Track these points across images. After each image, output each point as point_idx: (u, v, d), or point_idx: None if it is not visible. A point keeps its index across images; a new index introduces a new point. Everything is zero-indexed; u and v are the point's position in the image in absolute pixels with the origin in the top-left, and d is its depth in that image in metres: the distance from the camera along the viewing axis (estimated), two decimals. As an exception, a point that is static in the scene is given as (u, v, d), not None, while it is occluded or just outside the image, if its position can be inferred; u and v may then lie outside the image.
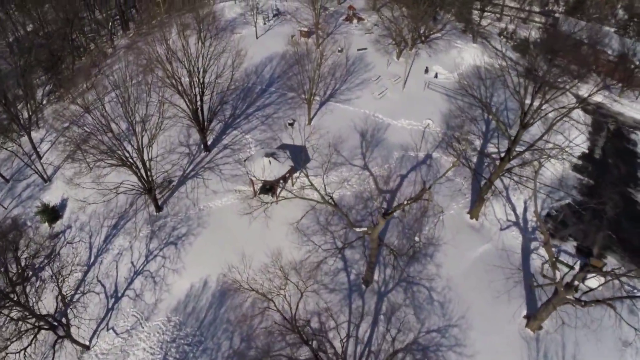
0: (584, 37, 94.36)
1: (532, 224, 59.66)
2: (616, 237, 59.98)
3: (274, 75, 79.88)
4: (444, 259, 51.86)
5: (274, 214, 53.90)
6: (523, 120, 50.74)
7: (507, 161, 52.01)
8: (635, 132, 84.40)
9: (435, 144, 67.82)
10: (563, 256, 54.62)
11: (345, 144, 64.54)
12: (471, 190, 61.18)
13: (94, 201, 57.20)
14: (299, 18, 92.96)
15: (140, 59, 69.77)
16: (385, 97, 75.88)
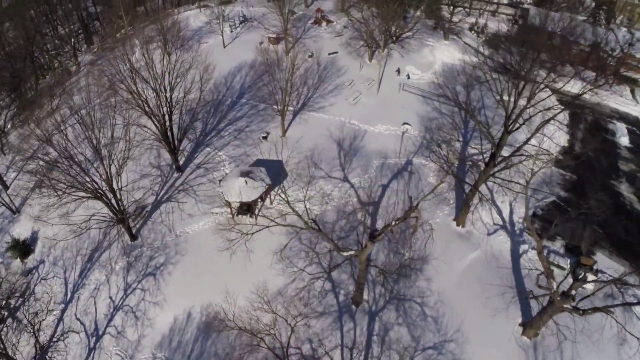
0: (556, 28, 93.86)
1: (519, 225, 58.65)
2: (603, 231, 59.40)
3: (244, 86, 77.55)
4: (433, 272, 50.29)
5: (256, 243, 50.17)
6: (507, 124, 49.48)
7: (493, 167, 50.77)
8: (612, 121, 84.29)
9: (415, 148, 66.40)
10: (553, 257, 53.82)
11: (323, 155, 62.69)
12: (455, 196, 59.85)
13: (64, 238, 53.97)
14: (267, 24, 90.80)
15: (103, 79, 66.71)
16: (360, 103, 74.21)
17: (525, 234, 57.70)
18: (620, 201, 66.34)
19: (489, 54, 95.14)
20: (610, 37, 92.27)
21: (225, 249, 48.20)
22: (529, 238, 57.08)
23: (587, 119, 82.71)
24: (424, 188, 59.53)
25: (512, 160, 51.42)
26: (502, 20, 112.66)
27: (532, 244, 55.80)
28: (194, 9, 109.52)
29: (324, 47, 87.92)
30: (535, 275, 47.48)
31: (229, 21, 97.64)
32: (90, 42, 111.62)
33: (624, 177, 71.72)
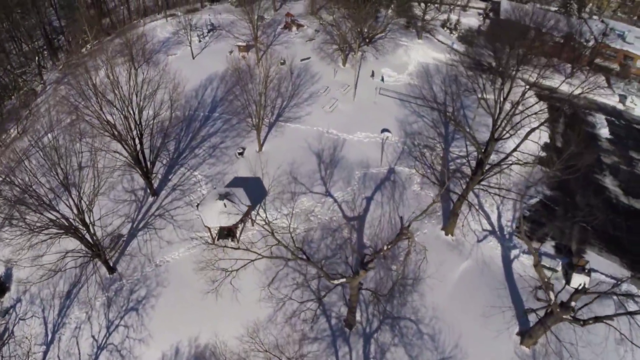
0: (529, 21, 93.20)
1: (507, 229, 57.62)
2: (591, 228, 58.67)
3: (216, 99, 74.97)
4: (425, 286, 48.69)
5: (240, 273, 46.85)
6: (494, 132, 48.13)
7: (481, 174, 49.43)
8: (591, 113, 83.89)
9: (397, 155, 64.88)
10: (544, 259, 52.84)
11: (302, 169, 60.71)
12: (441, 204, 58.43)
13: (38, 280, 50.61)
14: (236, 32, 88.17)
15: (67, 103, 63.49)
16: (337, 110, 72.33)
17: (515, 238, 56.68)
18: (606, 195, 65.82)
19: (464, 50, 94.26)
20: (584, 29, 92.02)
21: (209, 291, 45.08)
22: (518, 242, 56.08)
23: (567, 113, 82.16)
24: (410, 198, 58.10)
25: (501, 166, 50.19)
26: (474, 15, 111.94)
27: (522, 247, 54.89)
28: (160, 19, 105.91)
29: (296, 53, 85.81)
30: (533, 288, 46.28)
31: (196, 30, 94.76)
32: (56, 59, 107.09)
33: (607, 170, 71.29)
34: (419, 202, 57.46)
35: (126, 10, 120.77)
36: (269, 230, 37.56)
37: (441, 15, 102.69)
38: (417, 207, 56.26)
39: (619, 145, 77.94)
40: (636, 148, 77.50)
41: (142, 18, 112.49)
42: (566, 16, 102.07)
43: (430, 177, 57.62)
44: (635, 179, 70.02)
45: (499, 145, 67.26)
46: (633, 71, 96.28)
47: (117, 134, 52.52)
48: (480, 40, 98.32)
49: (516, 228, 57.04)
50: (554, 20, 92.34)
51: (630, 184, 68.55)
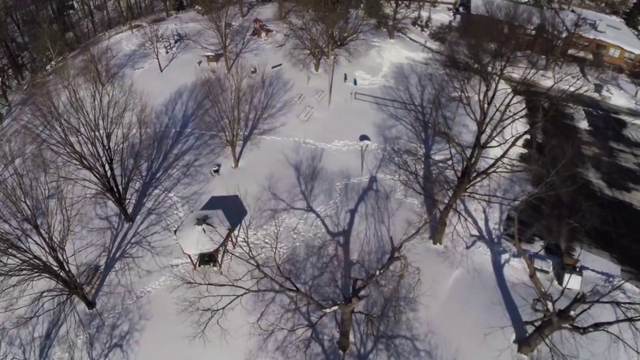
0: (501, 15, 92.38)
1: (495, 232, 56.39)
2: (579, 224, 57.64)
3: (187, 114, 72.05)
4: (418, 301, 46.98)
5: (229, 319, 42.59)
6: (480, 138, 46.54)
7: (467, 183, 47.86)
8: (569, 105, 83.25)
9: (377, 162, 63.05)
10: (536, 261, 51.74)
11: (282, 184, 58.50)
12: (426, 210, 56.80)
13: (14, 326, 47.32)
14: (204, 42, 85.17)
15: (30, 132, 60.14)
16: (313, 118, 70.13)
17: (504, 241, 55.47)
18: (591, 189, 65.09)
19: (437, 48, 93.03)
20: (557, 20, 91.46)
21: (195, 335, 40.74)
22: (508, 245, 54.88)
23: (545, 106, 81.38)
24: (394, 208, 56.32)
25: (488, 173, 48.69)
26: (443, 10, 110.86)
27: (512, 251, 53.65)
28: (126, 31, 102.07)
29: (267, 60, 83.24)
30: (532, 302, 44.96)
31: (163, 41, 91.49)
32: (21, 77, 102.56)
33: (589, 162, 70.65)
34: (404, 211, 55.88)
35: (90, 23, 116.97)
36: (254, 264, 35.21)
37: (411, 13, 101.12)
38: (403, 218, 54.77)
39: (599, 136, 77.50)
40: (615, 138, 77.18)
41: (106, 31, 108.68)
42: (537, 8, 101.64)
43: (414, 185, 55.79)
44: (617, 170, 69.53)
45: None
46: (606, 60, 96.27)
47: (85, 162, 49.66)
48: (452, 37, 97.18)
49: (504, 231, 55.96)
50: (527, 13, 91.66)
51: (612, 176, 68.03)
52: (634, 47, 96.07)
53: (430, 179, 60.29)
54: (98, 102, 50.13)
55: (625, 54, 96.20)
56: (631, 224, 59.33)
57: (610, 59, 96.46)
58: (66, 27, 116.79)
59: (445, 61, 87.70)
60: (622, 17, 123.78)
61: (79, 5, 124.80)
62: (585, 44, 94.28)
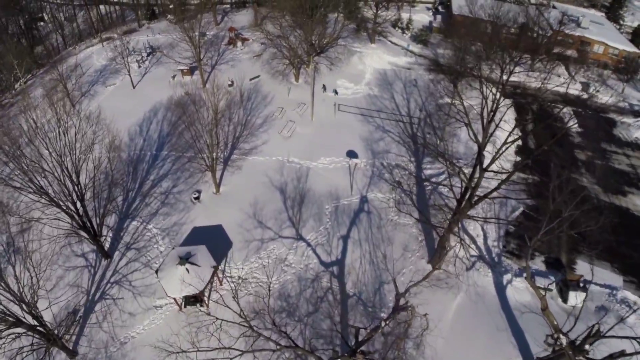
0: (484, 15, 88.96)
1: (495, 251, 53.00)
2: (578, 235, 54.51)
3: (163, 134, 66.98)
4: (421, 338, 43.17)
5: None
6: (481, 160, 42.74)
7: (469, 207, 44.17)
8: (557, 106, 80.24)
9: (366, 180, 59.06)
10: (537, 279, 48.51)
11: (267, 209, 54.18)
12: (424, 233, 53.10)
13: None
14: (177, 54, 79.53)
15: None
16: (296, 134, 65.66)
17: (504, 260, 52.17)
18: (587, 195, 61.92)
19: (420, 51, 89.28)
20: (541, 19, 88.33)
21: None
22: (508, 264, 51.63)
23: (533, 109, 78.26)
24: (389, 230, 52.43)
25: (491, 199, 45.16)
26: (422, 10, 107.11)
27: (513, 269, 50.44)
28: (97, 44, 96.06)
29: (244, 71, 78.31)
30: (544, 338, 41.57)
31: (135, 54, 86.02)
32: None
33: (582, 166, 67.65)
34: (399, 234, 52.11)
35: (60, 36, 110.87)
36: (247, 325, 31.00)
37: (392, 16, 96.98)
38: (399, 242, 51.01)
39: (590, 137, 74.56)
40: (607, 139, 74.33)
41: (77, 44, 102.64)
42: (518, 5, 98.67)
43: (409, 209, 52.14)
44: (611, 174, 66.59)
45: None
46: (590, 57, 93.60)
47: (53, 200, 44.88)
48: (434, 38, 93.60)
49: (504, 248, 52.74)
50: (511, 11, 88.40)
51: (607, 180, 65.02)
52: (618, 42, 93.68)
53: (424, 198, 56.56)
54: (63, 135, 45.16)
55: (609, 49, 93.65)
56: (630, 230, 56.22)
57: (595, 55, 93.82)
58: (35, 41, 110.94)
59: (430, 65, 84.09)
60: (600, 9, 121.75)
61: (49, 17, 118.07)
62: (570, 41, 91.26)
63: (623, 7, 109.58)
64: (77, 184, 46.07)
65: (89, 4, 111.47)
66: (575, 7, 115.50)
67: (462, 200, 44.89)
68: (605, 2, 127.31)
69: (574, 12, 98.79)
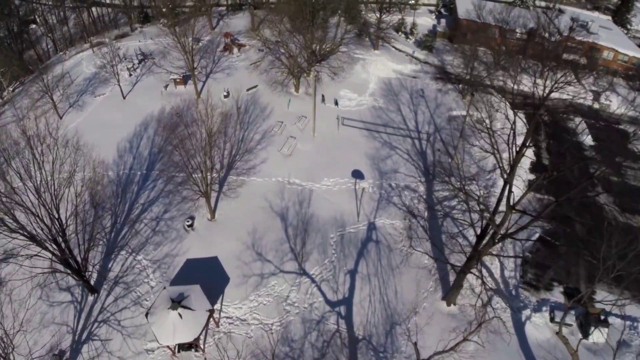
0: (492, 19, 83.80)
1: (512, 282, 48.34)
2: (596, 259, 49.84)
3: (154, 150, 61.36)
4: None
5: None
6: (509, 197, 37.84)
7: (491, 246, 39.27)
8: (570, 117, 75.36)
9: (374, 204, 53.97)
10: (556, 314, 44.61)
11: (267, 239, 48.99)
12: (436, 262, 48.09)
13: None
14: (170, 62, 73.42)
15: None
16: (297, 152, 60.24)
17: (522, 292, 47.64)
18: (604, 216, 57.31)
19: (424, 58, 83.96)
20: (550, 23, 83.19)
21: None
22: (526, 296, 47.16)
23: (545, 120, 73.27)
24: (400, 264, 47.47)
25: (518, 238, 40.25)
26: (425, 13, 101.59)
27: (531, 303, 46.00)
28: (87, 49, 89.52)
29: (241, 80, 72.42)
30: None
31: (126, 62, 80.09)
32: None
33: (599, 184, 62.83)
34: (411, 267, 47.20)
35: (51, 41, 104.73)
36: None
37: (397, 21, 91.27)
38: (411, 277, 46.14)
39: (604, 151, 69.73)
40: (621, 152, 69.47)
41: (67, 49, 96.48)
42: (526, 9, 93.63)
43: (424, 245, 47.32)
44: (628, 191, 61.83)
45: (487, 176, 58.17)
46: (600, 63, 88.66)
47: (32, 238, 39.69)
48: (439, 43, 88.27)
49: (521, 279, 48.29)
50: (521, 16, 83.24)
51: (624, 198, 60.27)
52: (628, 48, 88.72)
53: (436, 225, 51.61)
54: (40, 167, 39.88)
55: (619, 56, 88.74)
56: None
57: (604, 62, 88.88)
58: (26, 45, 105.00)
59: (436, 73, 78.85)
60: (604, 12, 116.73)
61: (41, 19, 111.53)
62: (579, 47, 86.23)
63: (631, 10, 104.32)
64: (57, 218, 40.80)
65: (81, 7, 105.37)
66: (579, 9, 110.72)
67: (483, 235, 40.10)
68: (609, 4, 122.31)
69: (580, 15, 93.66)
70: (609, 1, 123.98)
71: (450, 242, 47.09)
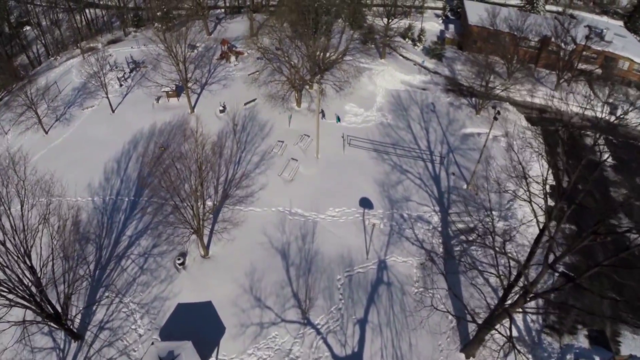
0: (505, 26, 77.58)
1: (534, 327, 42.97)
2: (621, 297, 44.40)
3: (143, 173, 54.88)
4: None
5: None
6: (548, 254, 32.33)
7: (523, 304, 33.75)
8: (587, 133, 69.50)
9: (384, 239, 48.18)
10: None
11: (267, 281, 43.23)
12: (453, 308, 42.63)
13: None
14: (162, 72, 65.97)
15: None
16: (299, 176, 54.17)
17: (545, 337, 42.32)
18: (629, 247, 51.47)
19: (434, 67, 77.81)
20: (566, 31, 77.03)
21: None
22: (549, 342, 42.04)
23: (563, 137, 67.38)
24: (413, 310, 41.70)
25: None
26: (431, 18, 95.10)
27: (555, 352, 40.69)
28: (77, 56, 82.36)
29: (238, 92, 66.00)
30: None
31: (117, 70, 73.54)
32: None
33: (620, 210, 56.99)
34: (425, 312, 41.56)
35: (42, 45, 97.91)
36: None
37: (406, 26, 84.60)
38: (428, 329, 40.43)
39: (625, 172, 64.07)
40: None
41: (58, 55, 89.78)
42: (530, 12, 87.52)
43: (444, 303, 41.83)
44: (653, 216, 56.18)
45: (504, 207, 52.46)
46: (615, 74, 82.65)
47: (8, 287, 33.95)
48: (447, 51, 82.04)
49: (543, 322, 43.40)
50: (537, 24, 77.04)
51: (650, 224, 54.55)
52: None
53: (453, 265, 45.86)
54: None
55: (635, 65, 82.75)
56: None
57: (621, 72, 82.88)
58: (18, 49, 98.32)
59: (446, 84, 72.74)
60: (612, 17, 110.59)
61: (34, 21, 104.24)
62: (593, 56, 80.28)
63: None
64: (30, 266, 35.02)
65: (74, 8, 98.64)
66: (589, 15, 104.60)
67: (511, 287, 34.62)
68: (617, 8, 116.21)
69: (592, 21, 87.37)
70: (618, 5, 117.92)
71: (471, 285, 41.62)
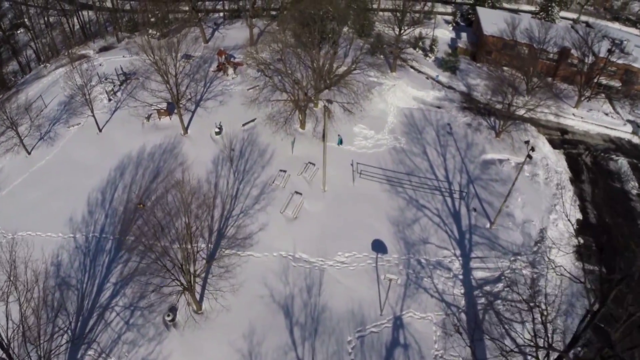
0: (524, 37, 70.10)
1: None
2: None
3: (130, 207, 47.19)
4: None
5: None
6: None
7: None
8: (611, 156, 62.24)
9: (400, 290, 40.92)
10: None
11: (268, 344, 36.10)
12: None
13: None
14: (150, 94, 55.89)
15: None
16: (303, 213, 46.66)
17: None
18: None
19: (447, 81, 70.09)
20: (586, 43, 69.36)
21: None
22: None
23: (587, 162, 60.22)
24: None
25: None
26: (441, 25, 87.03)
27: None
28: (67, 64, 72.84)
29: (235, 111, 57.92)
30: None
31: (105, 83, 65.47)
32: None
33: (651, 245, 49.79)
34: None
35: (33, 51, 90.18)
36: None
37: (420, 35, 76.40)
38: None
39: (654, 202, 56.91)
40: (672, 201, 56.64)
41: (47, 62, 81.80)
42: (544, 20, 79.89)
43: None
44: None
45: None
46: (636, 88, 75.20)
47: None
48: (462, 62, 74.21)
49: None
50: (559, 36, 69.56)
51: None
52: (665, 71, 75.07)
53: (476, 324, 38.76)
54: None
55: (655, 80, 75.30)
56: None
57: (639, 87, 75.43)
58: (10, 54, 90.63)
59: (462, 101, 65.12)
60: (624, 23, 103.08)
61: (29, 24, 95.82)
62: (615, 70, 72.72)
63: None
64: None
65: (68, 11, 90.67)
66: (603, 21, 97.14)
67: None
68: (630, 15, 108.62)
69: (610, 31, 79.62)
70: (629, 12, 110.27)
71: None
